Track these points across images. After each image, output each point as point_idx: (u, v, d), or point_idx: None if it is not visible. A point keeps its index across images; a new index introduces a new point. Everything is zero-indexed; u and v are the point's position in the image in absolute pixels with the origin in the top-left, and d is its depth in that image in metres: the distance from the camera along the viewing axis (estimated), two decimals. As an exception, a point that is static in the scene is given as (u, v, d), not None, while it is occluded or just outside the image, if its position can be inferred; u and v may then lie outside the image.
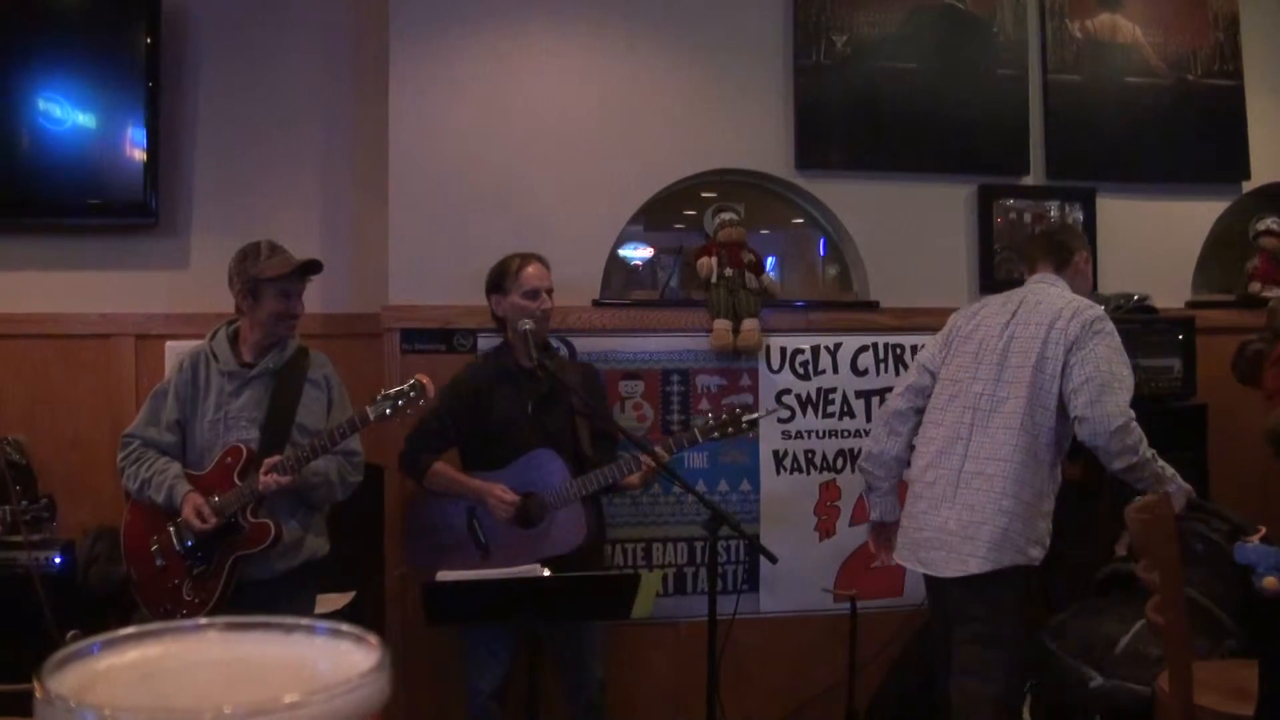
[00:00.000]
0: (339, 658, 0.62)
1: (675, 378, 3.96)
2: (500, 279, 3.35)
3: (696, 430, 3.30)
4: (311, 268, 3.04)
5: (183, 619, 2.14)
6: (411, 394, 2.89)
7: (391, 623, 3.78)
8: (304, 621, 0.65)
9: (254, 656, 0.64)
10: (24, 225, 3.98)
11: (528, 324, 3.27)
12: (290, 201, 4.03)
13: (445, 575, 2.90)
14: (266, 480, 2.84)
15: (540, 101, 3.93)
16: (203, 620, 0.67)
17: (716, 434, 3.30)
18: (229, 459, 2.93)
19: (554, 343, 3.59)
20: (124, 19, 3.99)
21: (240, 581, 2.93)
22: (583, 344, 3.85)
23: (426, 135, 3.83)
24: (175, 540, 2.93)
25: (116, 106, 3.94)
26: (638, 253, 4.36)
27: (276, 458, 2.87)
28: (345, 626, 0.64)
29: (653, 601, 3.18)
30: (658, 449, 3.25)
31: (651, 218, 4.16)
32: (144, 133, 3.90)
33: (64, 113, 3.98)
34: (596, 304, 3.92)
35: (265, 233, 4.04)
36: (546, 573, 2.87)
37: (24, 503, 3.17)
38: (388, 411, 2.89)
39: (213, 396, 3.00)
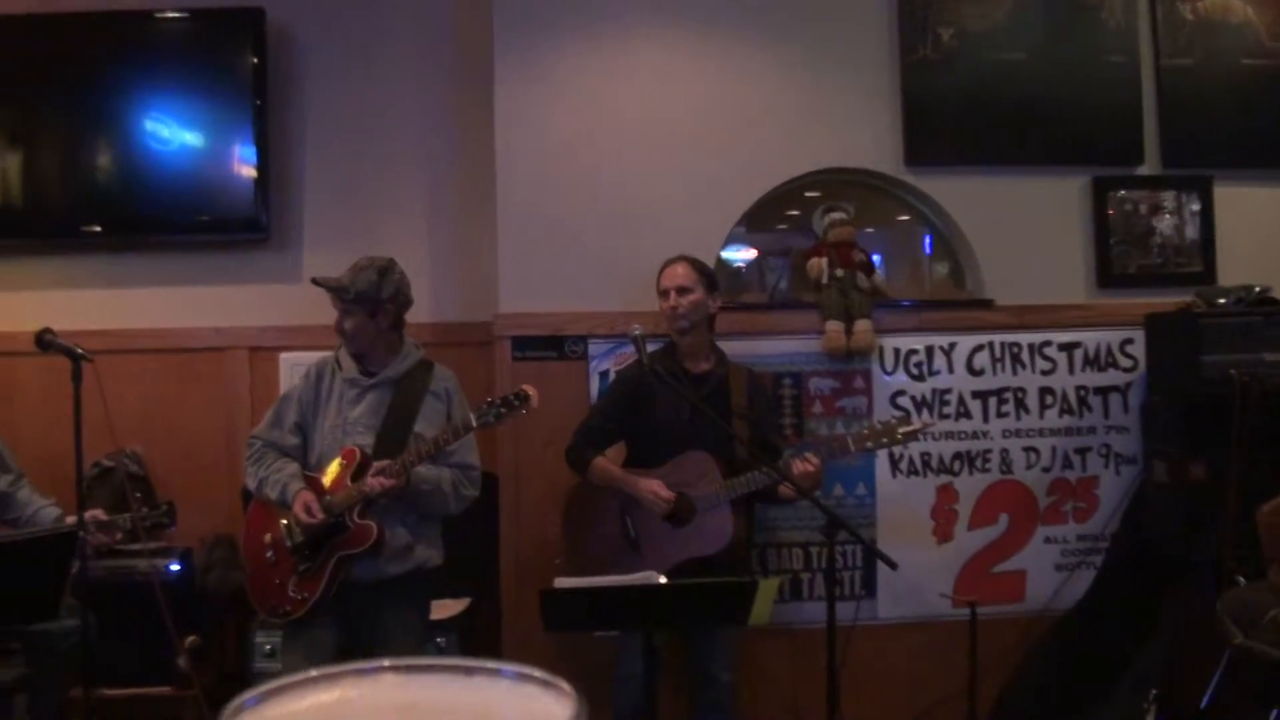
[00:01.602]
0: (526, 703, 0.57)
1: (787, 381, 3.89)
2: (657, 284, 3.43)
3: (850, 440, 3.23)
4: (322, 283, 3.02)
5: (287, 615, 2.10)
6: (516, 403, 2.88)
7: (508, 629, 3.77)
8: (487, 664, 0.61)
9: (433, 701, 0.60)
10: (136, 243, 4.06)
11: (637, 329, 3.24)
12: (398, 212, 4.06)
13: (563, 582, 2.88)
14: (373, 482, 2.86)
15: (645, 105, 3.90)
16: (385, 662, 0.64)
17: (870, 444, 3.24)
18: (344, 461, 2.97)
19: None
20: (230, 40, 4.06)
21: (346, 583, 2.95)
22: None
23: (532, 142, 3.82)
24: (286, 536, 2.98)
25: (225, 125, 4.01)
26: (740, 255, 4.29)
27: (385, 461, 2.89)
28: (534, 671, 0.59)
29: (770, 608, 3.13)
30: (808, 455, 3.19)
31: (753, 219, 4.10)
32: (253, 150, 3.96)
33: (171, 133, 4.06)
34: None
35: (373, 244, 4.08)
36: (663, 580, 2.84)
37: (144, 509, 3.22)
38: (492, 420, 2.89)
39: (334, 403, 3.05)
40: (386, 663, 0.63)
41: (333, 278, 3.01)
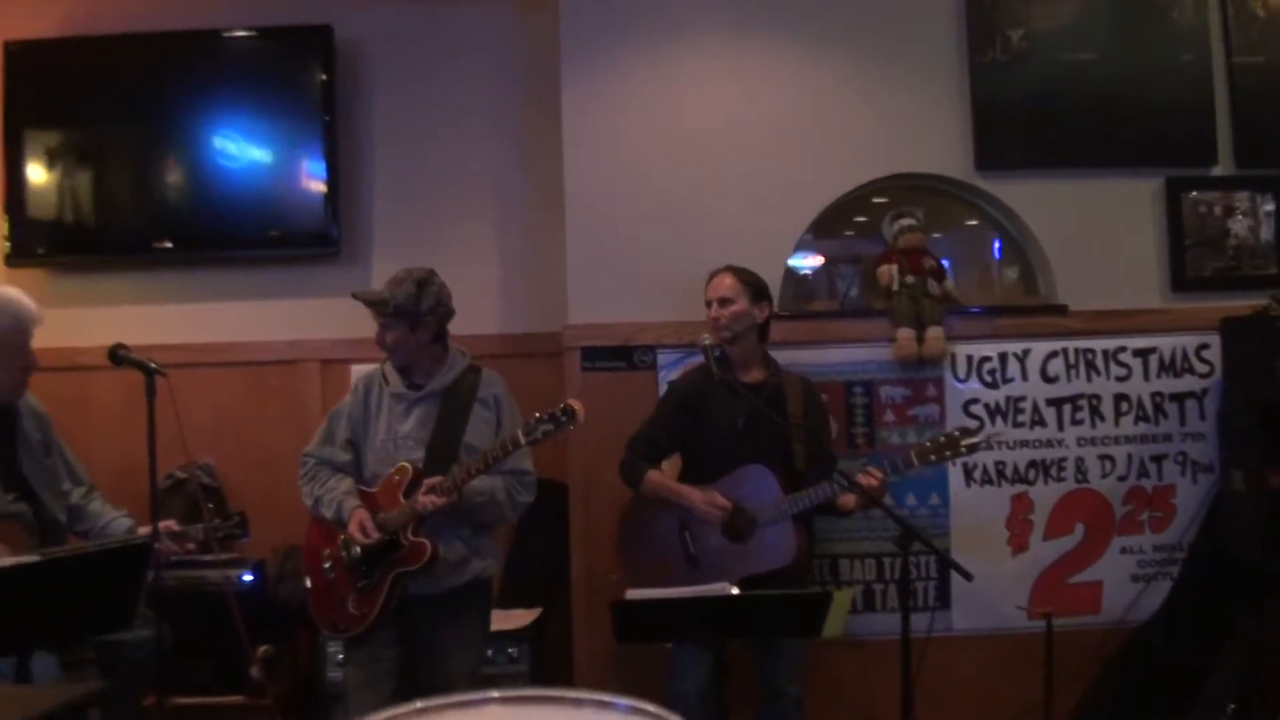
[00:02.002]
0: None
1: (859, 390, 3.85)
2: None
3: (913, 454, 3.16)
4: (361, 297, 3.03)
5: (347, 631, 2.08)
6: (563, 418, 2.84)
7: (579, 640, 3.76)
8: (598, 696, 0.58)
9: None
10: (208, 259, 4.11)
11: (706, 338, 3.22)
12: (467, 224, 4.08)
13: (634, 593, 2.86)
14: (425, 500, 2.85)
15: (712, 114, 3.89)
16: (493, 693, 0.63)
17: (934, 458, 3.16)
18: (396, 477, 2.97)
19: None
20: (299, 57, 4.11)
21: (405, 597, 2.95)
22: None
23: (600, 152, 3.82)
24: (344, 553, 2.98)
25: (294, 141, 4.05)
26: (806, 262, 4.26)
27: (436, 478, 2.88)
28: (648, 705, 0.56)
29: (844, 620, 3.08)
30: (871, 469, 3.14)
31: (821, 226, 4.06)
32: (323, 165, 4.00)
33: (241, 149, 4.11)
34: (775, 316, 3.82)
35: (442, 256, 4.10)
36: (735, 591, 2.80)
37: (216, 520, 3.24)
38: (539, 436, 2.84)
39: (383, 418, 3.04)
40: (495, 693, 0.61)
41: (372, 291, 3.01)
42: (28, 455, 3.03)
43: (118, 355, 2.98)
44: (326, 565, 3.03)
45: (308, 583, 3.12)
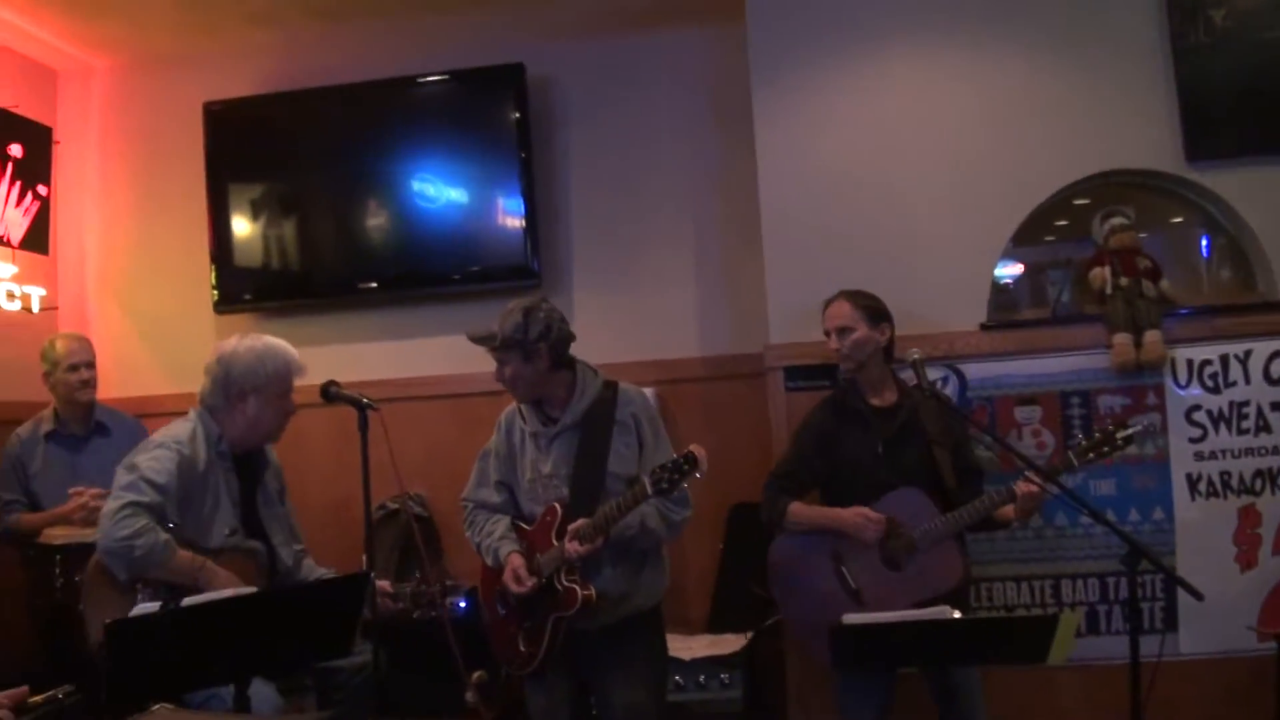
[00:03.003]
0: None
1: (1075, 400, 3.70)
2: None
3: (1072, 455, 3.00)
4: (472, 337, 3.01)
5: (522, 668, 2.47)
6: (685, 467, 2.74)
7: (791, 664, 3.72)
8: None
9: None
10: (412, 296, 4.27)
11: (914, 353, 3.14)
12: (664, 250, 4.12)
13: (852, 618, 2.80)
14: (570, 548, 2.82)
15: (906, 123, 3.82)
16: None
17: (1092, 455, 2.98)
18: (548, 518, 2.95)
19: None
20: (492, 98, 4.24)
21: (570, 633, 2.91)
22: (972, 370, 3.69)
23: (795, 170, 3.81)
24: (510, 592, 2.97)
25: (491, 178, 4.19)
26: (1007, 270, 4.14)
27: (580, 523, 2.83)
28: None
29: (1071, 644, 2.94)
30: (1029, 475, 2.99)
31: (1018, 233, 3.94)
32: (520, 199, 4.12)
33: (439, 189, 4.28)
34: (984, 328, 3.74)
35: (641, 282, 4.16)
36: (956, 614, 2.70)
37: (422, 586, 3.31)
38: (665, 487, 2.75)
39: (527, 458, 3.03)
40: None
41: (480, 327, 2.98)
42: (266, 502, 3.18)
43: (330, 392, 3.06)
44: (498, 603, 3.05)
45: (485, 618, 3.14)
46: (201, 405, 3.09)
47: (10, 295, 4.36)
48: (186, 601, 2.41)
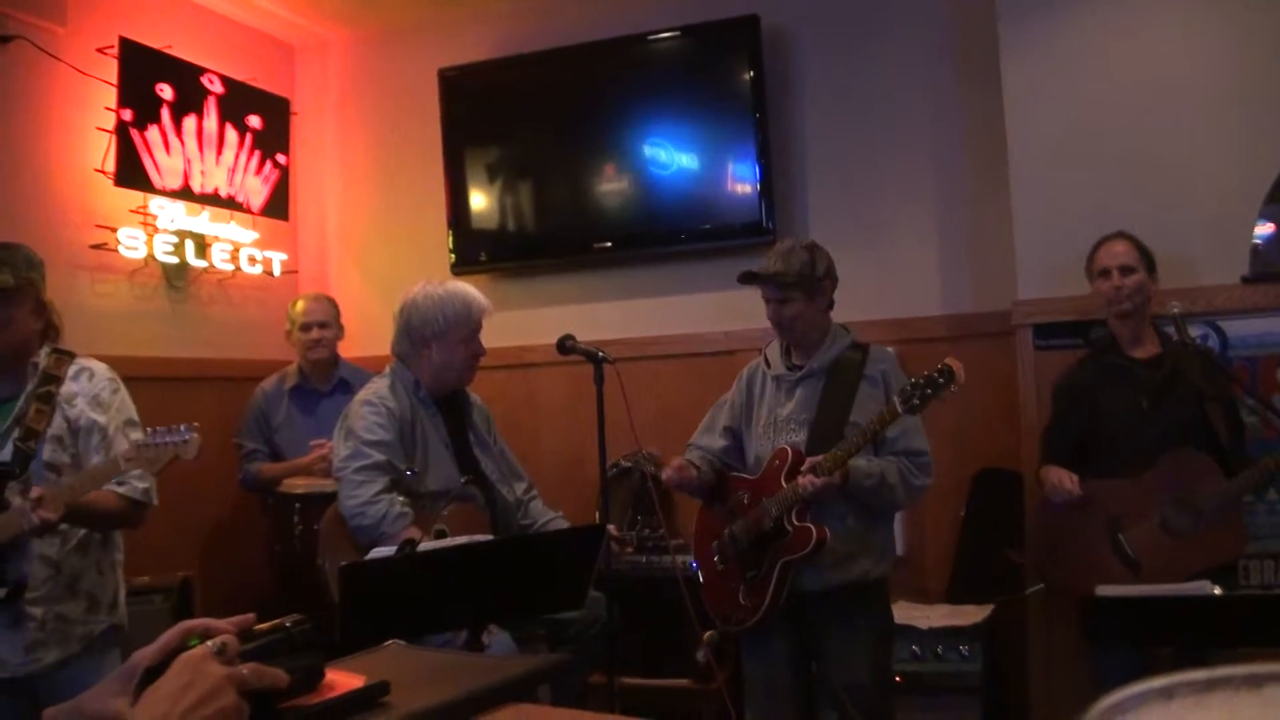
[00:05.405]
0: None
1: (1379, 364, 3.29)
2: (1088, 264, 3.14)
3: None
4: (757, 274, 2.91)
5: (741, 623, 2.61)
6: (940, 380, 2.59)
7: (1033, 637, 3.54)
8: None
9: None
10: (645, 255, 4.32)
11: (1174, 306, 2.88)
12: (904, 203, 3.97)
13: (1106, 589, 2.61)
14: (804, 481, 2.71)
15: (1167, 61, 3.48)
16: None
17: None
18: (776, 461, 2.87)
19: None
20: (725, 57, 4.18)
21: (795, 592, 2.83)
22: (1233, 327, 3.37)
23: (1045, 116, 3.56)
24: (730, 542, 2.93)
25: (724, 135, 4.14)
26: (1259, 230, 3.70)
27: (817, 457, 2.73)
28: None
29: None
30: None
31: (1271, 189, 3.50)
32: (753, 154, 4.05)
33: (673, 148, 4.30)
34: (1246, 280, 3.39)
35: (880, 238, 4.02)
36: (1217, 590, 2.47)
37: (646, 530, 3.33)
38: (917, 402, 2.61)
39: (766, 403, 2.97)
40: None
41: (766, 267, 2.88)
42: (478, 441, 3.26)
43: (566, 345, 3.08)
44: (715, 555, 3.01)
45: (700, 575, 3.10)
46: (394, 356, 3.20)
47: (252, 260, 4.62)
48: (422, 547, 2.48)
